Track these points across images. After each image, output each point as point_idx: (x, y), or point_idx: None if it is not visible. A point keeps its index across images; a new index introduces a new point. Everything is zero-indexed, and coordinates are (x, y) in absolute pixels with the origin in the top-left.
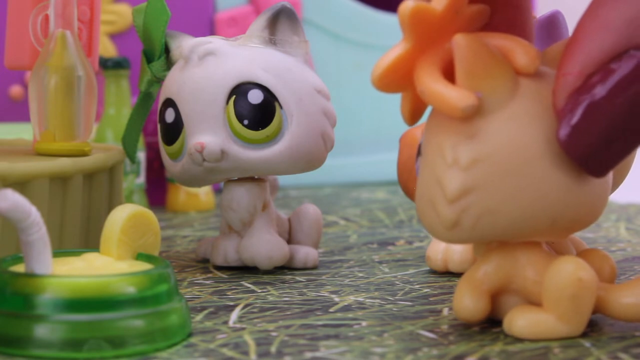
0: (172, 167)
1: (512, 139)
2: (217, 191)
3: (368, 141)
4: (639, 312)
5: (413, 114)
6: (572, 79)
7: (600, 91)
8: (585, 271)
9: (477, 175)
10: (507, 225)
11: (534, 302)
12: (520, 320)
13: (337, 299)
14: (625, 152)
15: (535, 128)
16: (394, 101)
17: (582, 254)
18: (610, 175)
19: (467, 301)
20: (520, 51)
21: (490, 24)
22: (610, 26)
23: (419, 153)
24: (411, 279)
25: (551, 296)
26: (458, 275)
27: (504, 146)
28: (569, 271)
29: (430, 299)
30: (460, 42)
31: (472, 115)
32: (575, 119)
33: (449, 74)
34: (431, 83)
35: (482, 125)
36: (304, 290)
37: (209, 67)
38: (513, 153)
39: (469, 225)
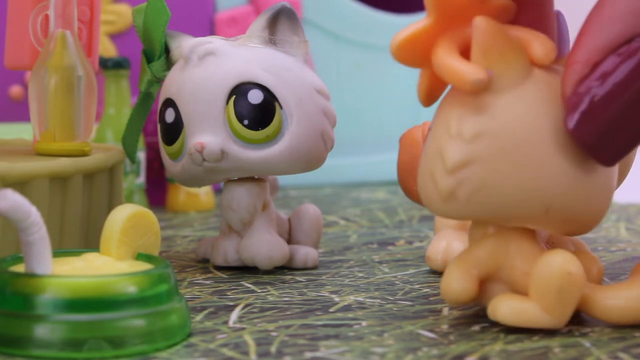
0: (172, 167)
1: (518, 118)
2: (217, 191)
3: (368, 141)
4: (621, 314)
5: (429, 95)
6: (579, 67)
7: (607, 78)
8: (575, 266)
9: (478, 148)
10: (500, 203)
11: (519, 292)
12: (505, 307)
13: (337, 299)
14: (634, 141)
15: (543, 111)
16: (394, 101)
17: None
18: (615, 175)
19: (455, 283)
20: (538, 43)
21: (515, 22)
22: (617, 16)
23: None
24: (411, 279)
25: (539, 287)
26: None
27: (509, 124)
28: (558, 264)
29: (430, 299)
30: (479, 24)
31: (482, 90)
32: (582, 106)
33: (466, 57)
34: (446, 57)
35: (490, 101)
36: (304, 290)
37: (209, 67)
38: (517, 132)
39: (464, 198)
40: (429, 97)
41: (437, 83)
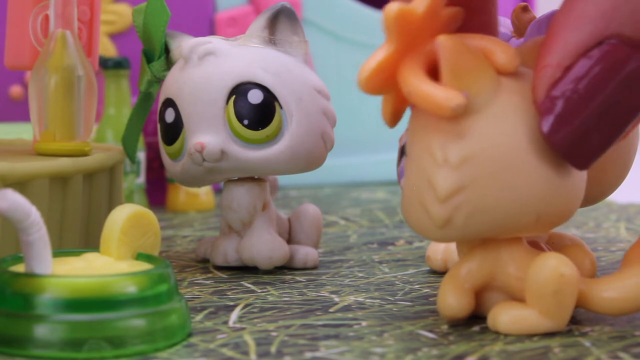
0: (172, 167)
1: (498, 136)
2: (217, 191)
3: (368, 141)
4: (619, 305)
5: (394, 116)
6: (550, 71)
7: (580, 82)
8: (567, 267)
9: (467, 173)
10: (496, 221)
11: (517, 298)
12: (504, 317)
13: (337, 299)
14: (607, 142)
15: (520, 124)
16: None
17: (563, 249)
18: (585, 172)
19: (451, 299)
20: (500, 51)
21: (464, 26)
22: (586, 18)
23: (402, 154)
24: (411, 279)
25: (534, 292)
26: None
27: (492, 143)
28: (551, 267)
29: (430, 299)
30: (445, 44)
31: (460, 114)
32: (557, 110)
33: (431, 75)
34: (419, 84)
35: (469, 124)
36: (304, 290)
37: (209, 67)
38: (501, 150)
39: (460, 223)
40: (394, 118)
41: (400, 104)
